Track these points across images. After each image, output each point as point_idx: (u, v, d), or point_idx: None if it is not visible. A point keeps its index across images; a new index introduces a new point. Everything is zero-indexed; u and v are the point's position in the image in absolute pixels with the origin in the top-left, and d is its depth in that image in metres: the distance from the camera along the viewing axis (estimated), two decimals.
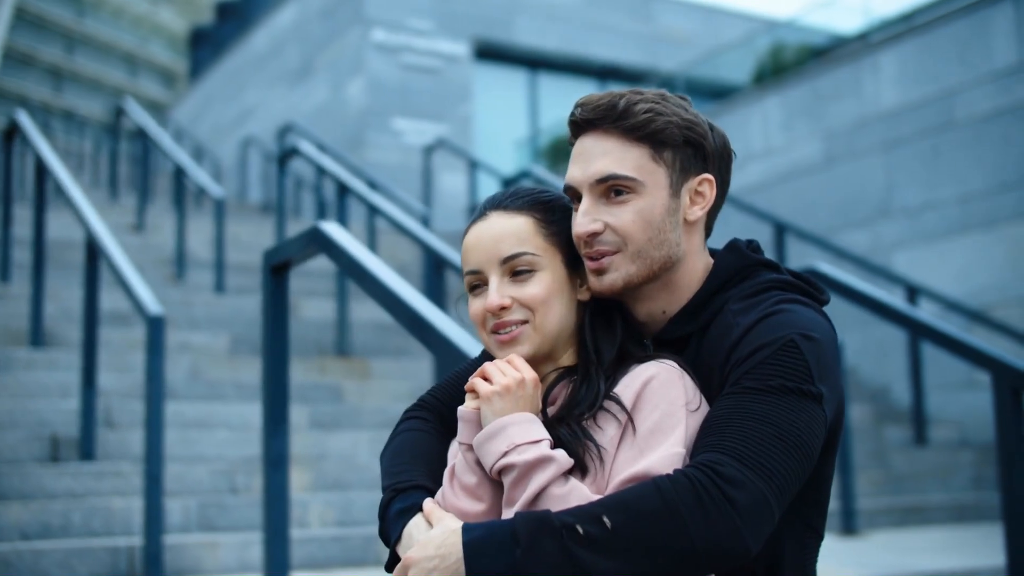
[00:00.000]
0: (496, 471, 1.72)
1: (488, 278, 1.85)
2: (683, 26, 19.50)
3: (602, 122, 1.84)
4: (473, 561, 1.60)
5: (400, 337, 8.24)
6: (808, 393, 1.70)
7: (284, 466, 3.45)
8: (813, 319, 1.78)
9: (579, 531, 1.58)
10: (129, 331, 7.05)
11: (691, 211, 1.87)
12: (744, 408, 1.68)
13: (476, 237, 1.87)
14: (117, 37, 54.03)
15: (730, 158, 1.93)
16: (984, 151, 8.62)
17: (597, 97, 1.85)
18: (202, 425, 6.00)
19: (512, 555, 1.58)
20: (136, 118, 11.62)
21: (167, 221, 11.31)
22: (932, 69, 9.14)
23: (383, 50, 16.54)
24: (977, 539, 5.92)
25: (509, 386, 1.75)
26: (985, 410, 8.23)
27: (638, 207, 1.83)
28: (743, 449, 1.64)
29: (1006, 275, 8.39)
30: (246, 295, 8.82)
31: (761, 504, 1.61)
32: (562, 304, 1.84)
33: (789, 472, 1.65)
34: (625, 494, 1.61)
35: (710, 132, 1.88)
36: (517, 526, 1.60)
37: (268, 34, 20.06)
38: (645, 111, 1.82)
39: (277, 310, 3.54)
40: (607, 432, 1.73)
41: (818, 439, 1.71)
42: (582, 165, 1.85)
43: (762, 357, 1.72)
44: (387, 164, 15.75)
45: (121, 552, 4.56)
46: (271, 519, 3.44)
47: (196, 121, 23.06)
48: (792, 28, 15.25)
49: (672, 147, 1.84)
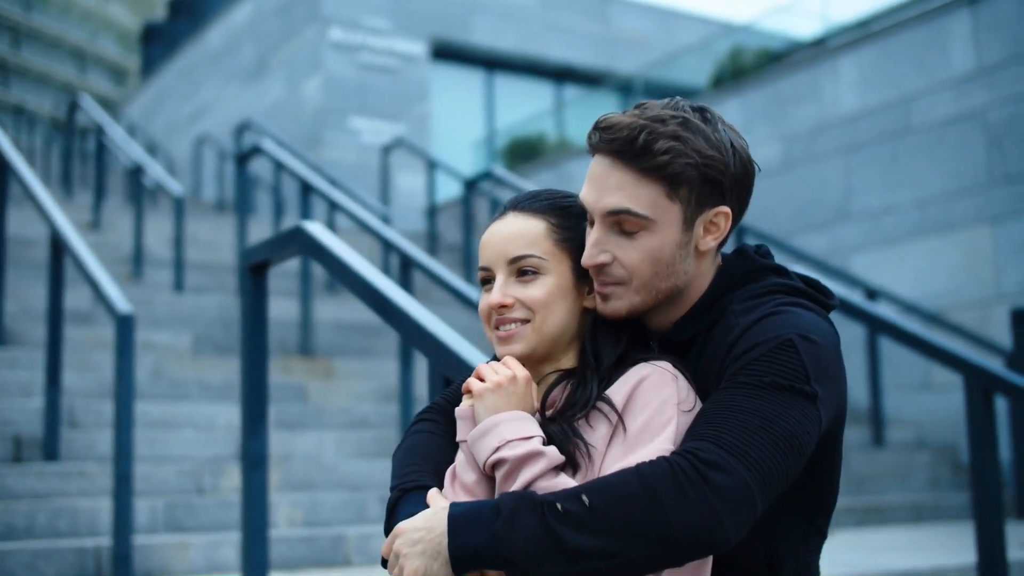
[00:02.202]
0: (488, 466, 1.75)
1: (496, 275, 1.88)
2: (639, 28, 19.58)
3: (619, 155, 1.81)
4: (455, 533, 1.63)
5: (363, 337, 8.22)
6: (802, 392, 1.70)
7: (263, 466, 3.44)
8: (814, 322, 1.79)
9: (558, 507, 1.60)
10: (90, 330, 6.97)
11: (704, 242, 1.86)
12: (733, 401, 1.69)
13: (491, 235, 1.91)
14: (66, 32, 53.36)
15: (752, 180, 1.89)
16: (941, 156, 8.74)
17: (617, 124, 1.81)
18: (167, 425, 5.95)
19: (492, 526, 1.61)
20: (92, 114, 11.49)
21: (122, 219, 11.20)
22: (891, 75, 9.25)
23: (340, 49, 16.47)
24: (939, 539, 6.00)
25: (501, 383, 1.79)
26: (941, 411, 8.35)
27: (648, 245, 1.82)
28: (727, 437, 1.64)
29: (962, 278, 8.52)
30: (206, 294, 8.76)
31: (741, 491, 1.61)
32: (564, 308, 1.87)
33: (774, 465, 1.65)
34: (608, 477, 1.64)
35: (732, 160, 1.83)
36: (501, 502, 1.64)
37: (223, 31, 19.91)
38: (664, 151, 1.77)
39: (256, 310, 3.52)
40: (598, 431, 1.76)
41: (809, 437, 1.71)
42: (596, 192, 1.84)
43: (757, 354, 1.73)
44: (344, 163, 15.69)
45: (88, 553, 4.50)
46: (250, 519, 3.41)
47: (149, 118, 22.83)
48: (749, 32, 15.37)
49: (688, 185, 1.80)
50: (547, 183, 12.33)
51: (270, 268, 3.61)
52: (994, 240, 8.31)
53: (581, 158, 12.73)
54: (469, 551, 1.63)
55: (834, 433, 1.83)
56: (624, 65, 18.69)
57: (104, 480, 5.10)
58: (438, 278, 5.83)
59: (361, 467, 5.89)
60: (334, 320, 8.34)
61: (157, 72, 23.56)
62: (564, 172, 12.78)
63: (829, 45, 10.82)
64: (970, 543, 5.38)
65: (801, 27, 14.48)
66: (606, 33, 19.19)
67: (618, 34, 19.31)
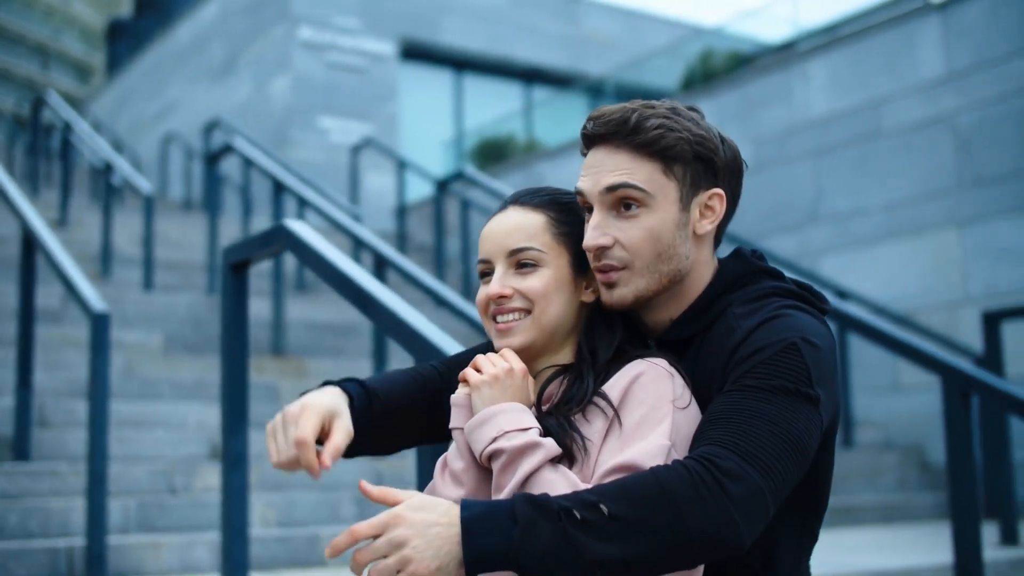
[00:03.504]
0: (485, 456, 1.76)
1: (495, 267, 1.92)
2: (608, 29, 19.63)
3: (613, 137, 1.87)
4: (470, 538, 1.58)
5: (334, 337, 8.19)
6: (806, 396, 1.73)
7: (244, 465, 3.42)
8: (815, 326, 1.82)
9: (576, 515, 1.59)
10: (60, 328, 6.91)
11: (700, 224, 1.90)
12: (744, 405, 1.71)
13: (491, 228, 1.95)
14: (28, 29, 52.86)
15: (741, 171, 1.95)
16: (911, 160, 8.82)
17: (609, 111, 1.88)
18: (138, 424, 5.90)
19: (510, 535, 1.58)
20: (59, 111, 11.39)
21: (89, 217, 11.11)
22: (861, 79, 9.33)
23: (309, 48, 16.41)
24: (909, 539, 6.05)
25: (498, 375, 1.81)
26: (908, 412, 8.42)
27: (648, 223, 1.85)
28: (742, 444, 1.66)
29: (931, 281, 8.59)
30: (176, 293, 8.70)
31: (757, 497, 1.64)
32: (562, 301, 1.89)
33: (785, 470, 1.68)
34: (623, 481, 1.64)
35: (721, 146, 1.90)
36: (516, 506, 1.60)
37: (191, 29, 19.78)
38: (656, 127, 1.84)
39: (236, 308, 3.50)
40: (594, 425, 1.77)
41: (813, 440, 1.74)
42: (593, 177, 1.88)
43: (763, 357, 1.75)
44: (312, 163, 15.63)
45: (60, 553, 4.45)
46: (230, 518, 3.39)
47: (114, 116, 22.65)
48: (719, 36, 15.44)
49: (683, 162, 1.86)
50: (517, 184, 12.34)
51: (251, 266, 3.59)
52: (962, 243, 8.39)
53: (551, 159, 12.75)
54: (484, 555, 1.59)
55: (829, 435, 1.85)
56: (593, 66, 18.73)
57: (76, 480, 5.05)
58: (412, 277, 5.82)
59: (335, 467, 5.80)
60: (305, 320, 8.31)
61: (123, 70, 23.39)
62: (534, 173, 12.79)
63: (799, 49, 10.90)
64: (940, 543, 5.43)
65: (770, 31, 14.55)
66: (575, 34, 19.22)
67: (587, 35, 19.35)
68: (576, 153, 12.31)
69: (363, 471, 5.90)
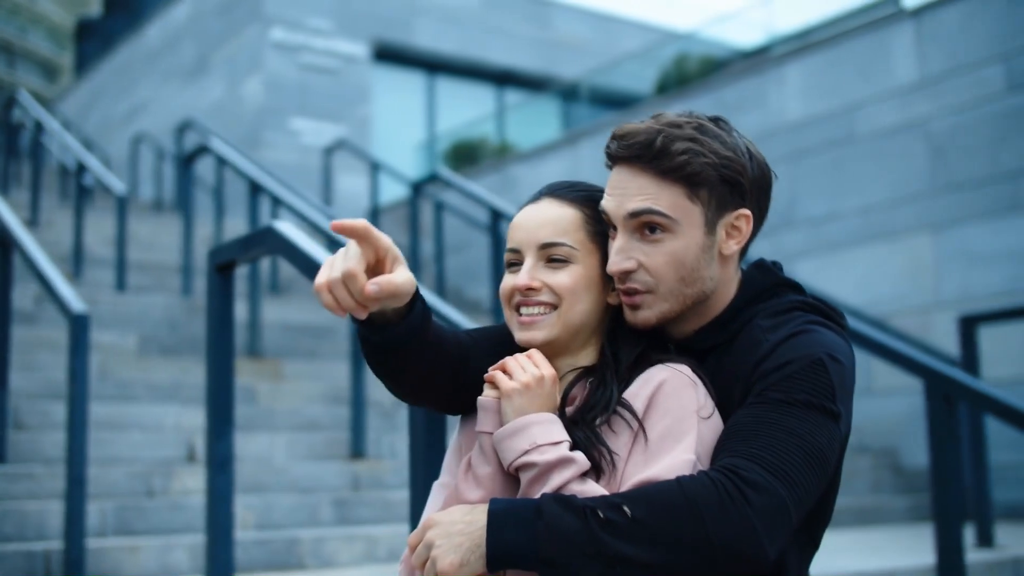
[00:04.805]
0: (515, 468, 1.76)
1: (524, 258, 1.88)
2: (580, 33, 19.66)
3: (638, 160, 1.83)
4: (495, 530, 1.64)
5: (310, 339, 8.16)
6: (829, 411, 1.74)
7: (230, 467, 3.39)
8: (839, 343, 1.83)
9: (600, 515, 1.62)
10: (34, 330, 6.85)
11: (727, 245, 1.88)
12: (769, 418, 1.72)
13: (523, 218, 1.92)
14: None
15: (769, 186, 1.92)
16: (885, 164, 8.88)
17: (634, 132, 1.84)
18: (114, 426, 5.85)
19: (534, 528, 1.62)
20: (30, 110, 11.29)
21: (59, 217, 11.02)
22: (835, 84, 9.38)
23: (281, 49, 16.34)
24: (886, 541, 6.09)
25: (529, 384, 1.78)
26: (881, 415, 8.46)
27: (671, 247, 1.83)
28: (766, 456, 1.68)
29: (904, 285, 8.65)
30: (150, 294, 8.64)
31: (781, 511, 1.65)
32: (589, 300, 1.87)
33: (809, 484, 1.70)
34: (647, 488, 1.66)
35: (749, 163, 1.86)
36: (542, 503, 1.64)
37: (161, 29, 19.66)
38: (681, 151, 1.80)
39: (223, 310, 3.47)
40: (621, 438, 1.77)
41: (834, 455, 1.76)
42: (617, 199, 1.85)
43: (790, 371, 1.75)
44: (285, 164, 15.55)
45: (37, 556, 4.41)
46: (216, 521, 3.37)
47: (83, 115, 22.46)
48: (692, 40, 15.50)
49: (708, 186, 1.83)
50: (492, 186, 12.33)
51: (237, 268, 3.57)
52: (935, 248, 8.46)
53: (525, 162, 12.75)
54: (507, 549, 1.63)
55: (842, 449, 1.87)
56: (565, 70, 18.75)
57: (52, 482, 5.00)
58: None
59: (312, 469, 5.84)
60: (280, 321, 8.27)
61: (91, 69, 23.20)
62: (508, 176, 12.79)
63: (773, 54, 10.95)
64: (918, 545, 5.48)
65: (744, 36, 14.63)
66: (547, 37, 19.24)
67: (559, 38, 19.37)
68: (551, 156, 12.32)
69: (339, 471, 5.89)
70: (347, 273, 1.61)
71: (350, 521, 5.53)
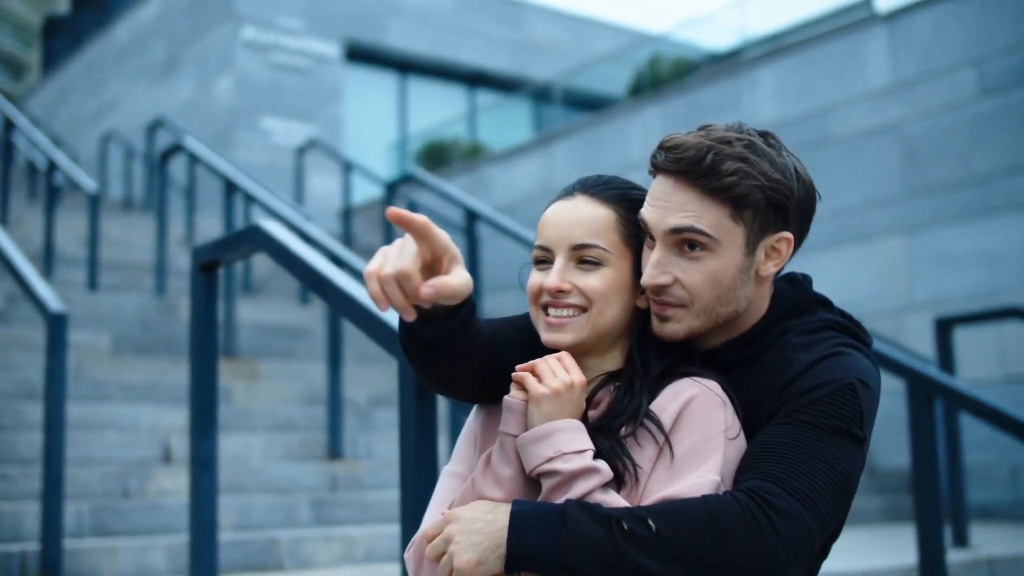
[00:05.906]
0: (537, 473, 1.73)
1: (555, 257, 1.83)
2: (553, 34, 19.68)
3: (685, 176, 1.78)
4: (517, 531, 1.62)
5: (285, 339, 8.11)
6: (856, 437, 1.74)
7: (213, 467, 3.37)
8: (869, 368, 1.82)
9: (624, 526, 1.61)
10: (6, 329, 6.77)
11: (765, 267, 1.84)
12: (798, 441, 1.71)
13: (556, 214, 1.85)
14: None
15: (813, 209, 1.87)
16: (858, 168, 8.94)
17: (684, 145, 1.78)
18: (89, 426, 5.79)
19: (558, 533, 1.61)
20: (3, 109, 11.17)
21: (29, 216, 10.91)
22: (809, 87, 9.44)
23: (253, 48, 16.28)
24: (864, 541, 6.12)
25: (559, 391, 1.74)
26: None
27: (710, 266, 1.79)
28: (793, 481, 1.67)
29: (878, 288, 8.71)
30: (122, 293, 8.56)
31: (805, 537, 1.65)
32: (619, 304, 1.83)
33: (833, 510, 1.69)
34: (673, 504, 1.64)
35: (796, 186, 1.81)
36: (567, 508, 1.63)
37: (131, 27, 19.52)
38: (731, 172, 1.75)
39: (206, 309, 3.45)
40: (646, 451, 1.74)
41: (857, 479, 1.76)
42: (660, 211, 1.79)
43: (821, 395, 1.74)
44: (256, 164, 15.48)
45: (13, 558, 4.36)
46: (200, 521, 3.34)
47: (51, 113, 22.27)
48: (665, 43, 15.54)
49: (753, 208, 1.78)
50: (464, 187, 12.32)
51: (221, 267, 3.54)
52: (908, 251, 8.52)
53: (498, 163, 12.74)
54: (528, 552, 1.62)
55: None
56: (538, 71, 18.76)
57: (26, 483, 4.95)
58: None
59: (289, 470, 5.80)
60: (254, 322, 8.22)
61: (60, 67, 23.01)
62: (482, 176, 12.78)
63: (745, 57, 11.00)
64: (897, 545, 5.51)
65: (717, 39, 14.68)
66: (519, 38, 19.24)
67: (531, 40, 19.38)
68: (523, 157, 12.32)
69: (317, 472, 5.86)
70: (401, 273, 1.58)
71: (328, 522, 5.51)
